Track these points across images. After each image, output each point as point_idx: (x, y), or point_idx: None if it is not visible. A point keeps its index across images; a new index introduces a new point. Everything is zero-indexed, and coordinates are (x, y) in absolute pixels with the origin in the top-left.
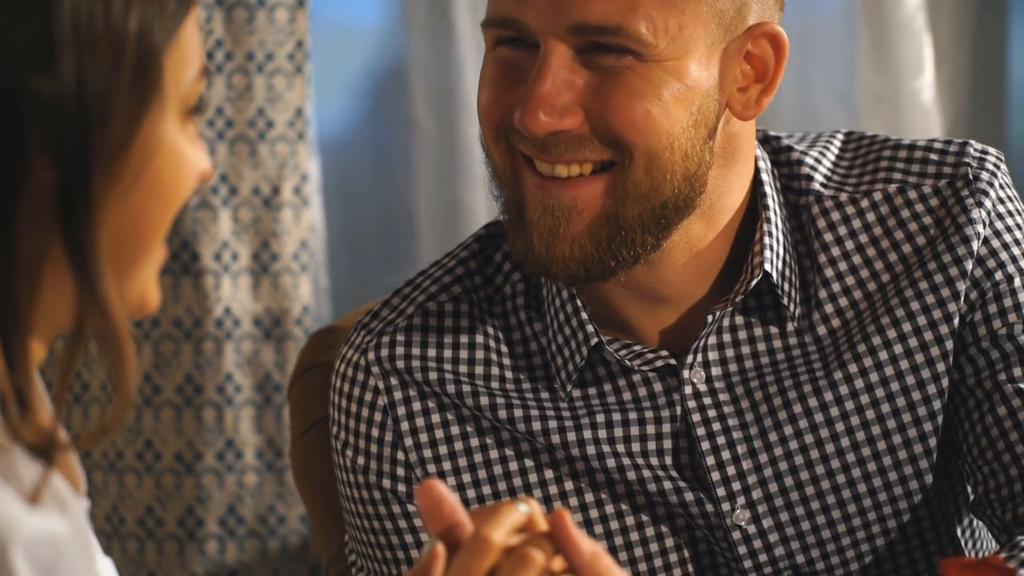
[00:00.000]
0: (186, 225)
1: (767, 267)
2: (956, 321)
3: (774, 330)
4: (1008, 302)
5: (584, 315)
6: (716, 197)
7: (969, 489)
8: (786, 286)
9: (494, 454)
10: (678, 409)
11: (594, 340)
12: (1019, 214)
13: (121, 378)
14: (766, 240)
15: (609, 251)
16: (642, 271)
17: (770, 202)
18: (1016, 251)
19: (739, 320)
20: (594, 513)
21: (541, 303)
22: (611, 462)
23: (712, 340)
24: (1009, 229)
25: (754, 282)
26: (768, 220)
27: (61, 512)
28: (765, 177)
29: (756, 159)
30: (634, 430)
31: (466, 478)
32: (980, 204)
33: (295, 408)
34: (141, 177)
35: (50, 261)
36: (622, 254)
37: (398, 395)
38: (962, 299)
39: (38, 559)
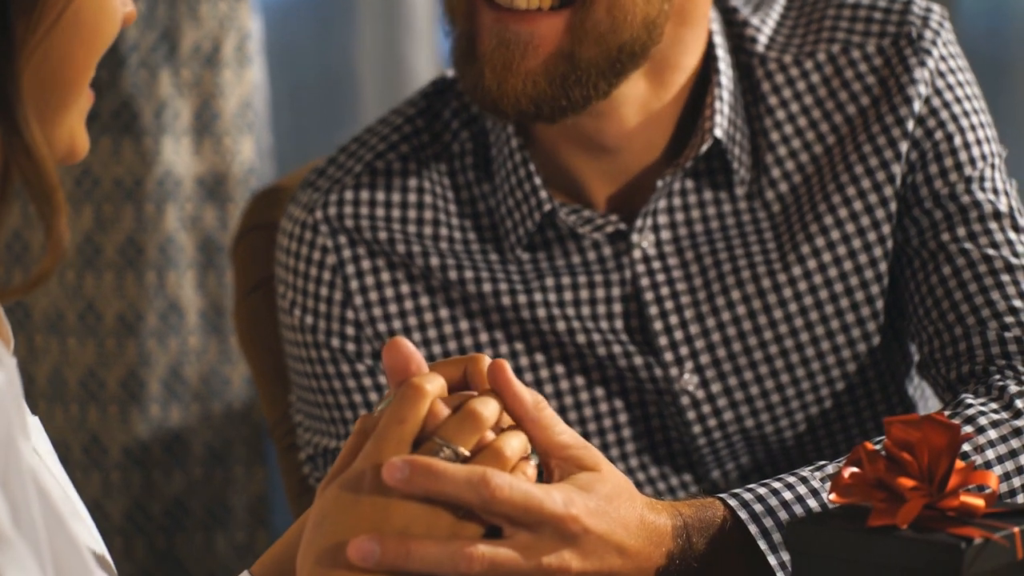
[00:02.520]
0: (126, 85)
1: (717, 132)
2: (899, 182)
3: (724, 195)
4: (949, 162)
5: (537, 180)
6: (670, 54)
7: (914, 350)
8: (736, 150)
9: (444, 314)
10: (627, 273)
11: (547, 206)
12: (962, 72)
13: (53, 226)
14: (717, 104)
15: (562, 90)
16: (593, 124)
17: (722, 65)
18: (957, 110)
19: (689, 185)
20: (543, 374)
21: (490, 163)
22: (561, 325)
23: (662, 204)
24: (951, 87)
25: (705, 146)
26: (719, 84)
27: None
28: (718, 40)
29: (711, 21)
30: (584, 294)
31: (416, 337)
32: (923, 64)
33: (238, 269)
34: (63, 18)
35: None
36: (574, 94)
37: (347, 253)
38: (904, 160)
39: None
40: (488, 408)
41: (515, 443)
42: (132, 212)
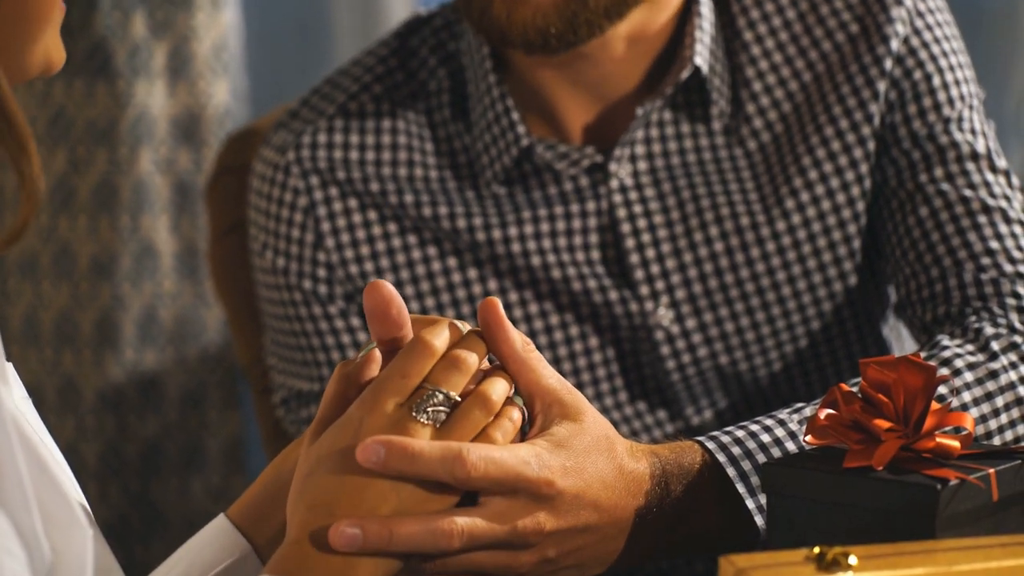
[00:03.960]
0: (99, 26)
1: (698, 60)
2: (877, 122)
3: (702, 129)
4: (928, 102)
5: (515, 115)
6: None
7: (891, 291)
8: (716, 81)
9: (417, 254)
10: (604, 203)
11: (525, 142)
12: (940, 12)
13: (27, 175)
14: (697, 34)
15: (570, 25)
16: (581, 53)
17: None
18: (936, 50)
19: (667, 116)
20: (518, 312)
21: (466, 100)
22: (536, 260)
23: (640, 135)
24: (930, 28)
25: (685, 74)
26: (699, 15)
27: None
28: None
29: None
30: (560, 225)
31: (389, 278)
32: (900, 3)
33: (213, 212)
34: None
35: None
36: (581, 31)
37: (319, 195)
38: (882, 100)
39: None
40: (472, 352)
41: (500, 387)
42: (106, 154)
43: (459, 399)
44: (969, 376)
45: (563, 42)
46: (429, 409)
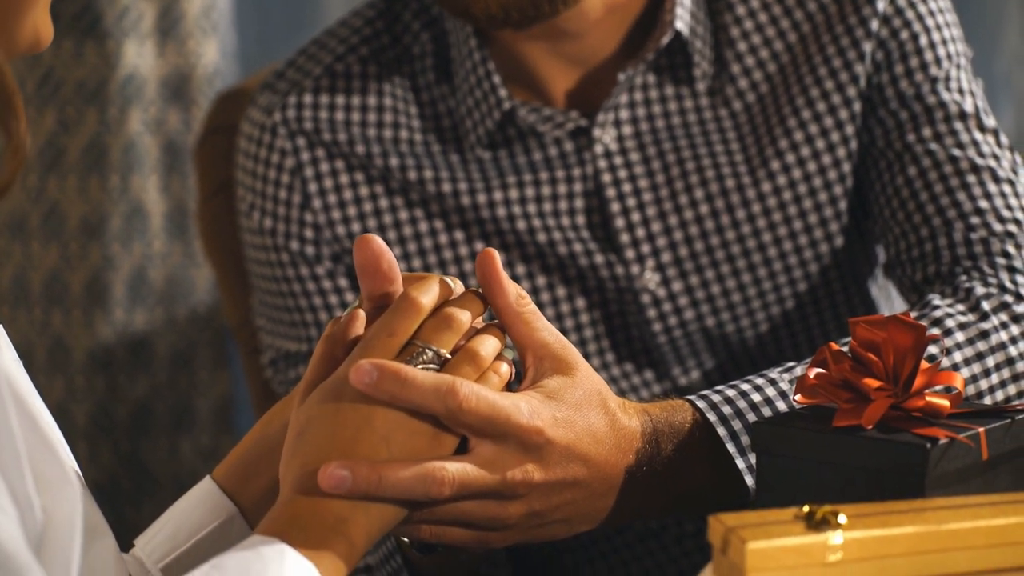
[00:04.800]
0: None
1: (679, 24)
2: (863, 82)
3: (685, 91)
4: (915, 62)
5: (496, 79)
6: None
7: (880, 251)
8: (698, 44)
9: (403, 215)
10: (589, 169)
11: (507, 105)
12: None
13: (13, 133)
14: None
15: (531, 3)
16: (556, 23)
17: None
18: (923, 9)
19: (651, 79)
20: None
21: (450, 64)
22: (521, 224)
23: (623, 99)
24: None
25: (666, 39)
26: None
27: None
28: None
29: None
30: (545, 190)
31: None
32: None
33: (202, 172)
34: None
35: None
36: (543, 8)
37: (306, 156)
38: (868, 60)
39: None
40: (464, 311)
41: (489, 344)
42: (95, 115)
43: (449, 356)
44: (960, 336)
45: (525, 16)
46: (419, 366)
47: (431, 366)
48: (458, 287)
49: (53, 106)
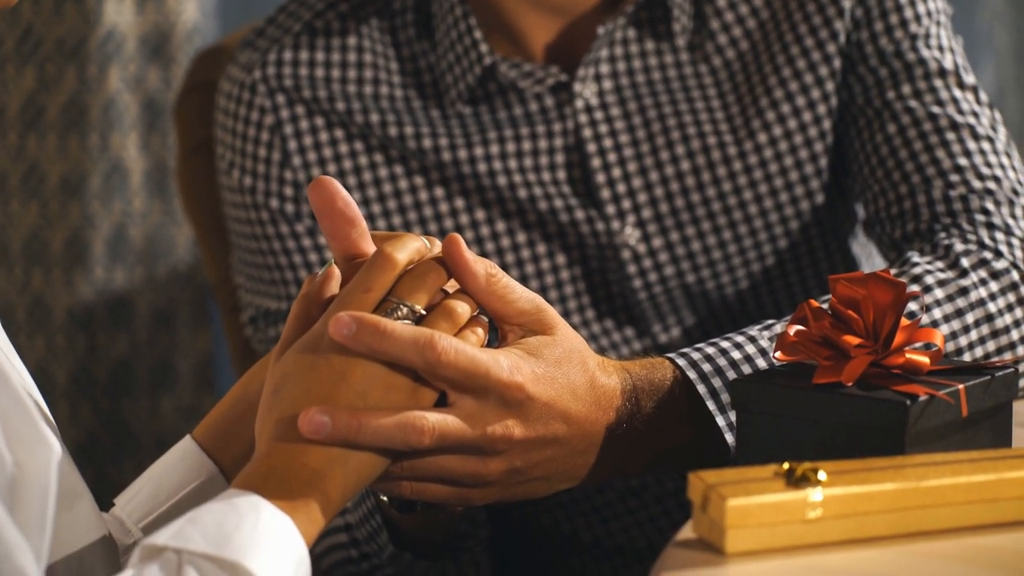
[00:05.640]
0: None
1: None
2: (842, 39)
3: (666, 46)
4: (894, 18)
5: (477, 34)
6: None
7: (859, 208)
8: None
9: (383, 172)
10: (570, 124)
11: (487, 60)
12: None
13: None
14: None
15: None
16: None
17: None
18: None
19: (631, 34)
20: (484, 231)
21: (430, 19)
22: (502, 179)
23: (604, 54)
24: None
25: None
26: None
27: None
28: None
29: None
30: (526, 145)
31: (356, 197)
32: None
33: (181, 130)
34: None
35: None
36: None
37: (285, 113)
38: (847, 17)
39: None
40: (439, 268)
41: (465, 303)
42: (75, 72)
43: (424, 312)
44: (939, 293)
45: None
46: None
47: (407, 322)
48: (435, 247)
49: (33, 64)
